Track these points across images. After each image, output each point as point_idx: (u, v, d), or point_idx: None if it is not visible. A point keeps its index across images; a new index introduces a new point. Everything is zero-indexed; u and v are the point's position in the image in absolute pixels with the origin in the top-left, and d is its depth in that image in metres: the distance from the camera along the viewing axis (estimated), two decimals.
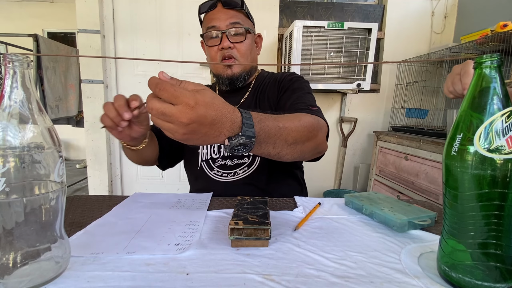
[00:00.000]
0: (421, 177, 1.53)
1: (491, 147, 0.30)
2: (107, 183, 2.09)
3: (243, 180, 0.76)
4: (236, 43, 0.75)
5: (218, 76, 0.79)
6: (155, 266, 0.37)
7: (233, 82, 0.79)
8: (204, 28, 0.78)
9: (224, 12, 0.75)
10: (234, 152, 0.43)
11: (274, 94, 0.80)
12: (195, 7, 2.01)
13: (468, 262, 0.32)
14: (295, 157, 0.54)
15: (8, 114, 0.30)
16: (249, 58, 0.79)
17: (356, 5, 2.08)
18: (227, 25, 0.74)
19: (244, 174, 0.76)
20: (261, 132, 0.45)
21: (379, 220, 0.53)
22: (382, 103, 2.20)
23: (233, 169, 0.77)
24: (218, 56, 0.76)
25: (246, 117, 0.43)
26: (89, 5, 1.90)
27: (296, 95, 0.73)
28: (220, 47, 0.75)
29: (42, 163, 0.32)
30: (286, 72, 0.86)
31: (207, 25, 0.76)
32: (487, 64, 0.31)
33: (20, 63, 0.31)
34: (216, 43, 0.75)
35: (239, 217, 0.45)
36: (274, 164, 0.76)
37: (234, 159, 0.77)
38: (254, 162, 0.76)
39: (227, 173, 0.77)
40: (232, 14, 0.76)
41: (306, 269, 0.37)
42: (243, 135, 0.42)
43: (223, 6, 0.76)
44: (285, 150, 0.51)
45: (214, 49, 0.76)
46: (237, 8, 0.76)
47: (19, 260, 0.31)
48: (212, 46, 0.76)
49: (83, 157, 4.18)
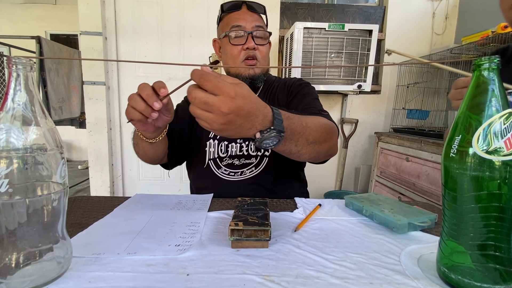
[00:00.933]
0: (422, 178, 1.53)
1: (489, 149, 0.30)
2: (109, 184, 2.10)
3: (250, 180, 0.77)
4: (260, 45, 0.77)
5: (238, 76, 0.80)
6: (155, 267, 0.37)
7: (253, 82, 0.80)
8: (227, 27, 0.78)
9: (249, 14, 0.78)
10: (262, 146, 0.45)
11: (284, 98, 0.82)
12: (196, 10, 2.03)
13: (468, 264, 0.32)
14: (312, 156, 0.56)
15: (12, 116, 0.31)
16: (267, 61, 0.82)
17: (356, 7, 2.08)
18: (252, 27, 0.77)
19: (251, 174, 0.77)
20: (287, 128, 0.47)
21: (379, 221, 0.53)
22: (383, 104, 2.20)
23: (241, 169, 0.77)
24: (241, 55, 0.77)
25: (277, 113, 0.45)
26: (91, 7, 1.91)
27: (306, 100, 0.76)
28: (245, 47, 0.76)
29: (45, 164, 0.32)
30: (293, 78, 0.88)
31: (231, 23, 0.77)
32: (485, 66, 0.31)
33: (24, 66, 0.31)
34: (241, 43, 0.76)
35: (239, 218, 0.45)
36: (281, 165, 0.78)
37: (242, 158, 0.78)
38: (261, 163, 0.77)
39: (234, 172, 0.77)
40: (256, 17, 0.79)
41: (306, 270, 0.37)
42: (274, 129, 0.44)
43: (247, 9, 0.78)
44: (305, 148, 0.53)
45: (238, 48, 0.77)
46: (260, 13, 0.80)
47: (21, 261, 0.32)
48: (236, 44, 0.77)
49: (85, 158, 4.20)
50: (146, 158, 0.72)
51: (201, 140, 0.81)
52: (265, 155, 0.78)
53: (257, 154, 0.78)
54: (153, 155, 0.71)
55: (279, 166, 0.78)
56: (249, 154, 0.78)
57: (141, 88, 0.47)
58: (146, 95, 0.46)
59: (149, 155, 0.71)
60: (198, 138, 0.82)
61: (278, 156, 0.76)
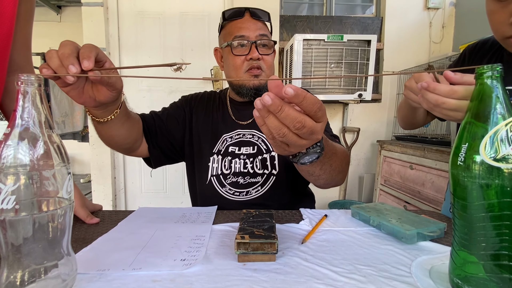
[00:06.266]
0: (427, 186, 1.51)
1: (497, 156, 0.30)
2: (111, 197, 2.09)
3: (256, 200, 0.73)
4: (264, 55, 0.74)
5: (242, 87, 0.76)
6: (161, 283, 0.36)
7: (258, 93, 0.76)
8: (229, 36, 0.74)
9: (253, 22, 0.74)
10: (300, 161, 0.46)
11: None
12: (197, 24, 2.07)
13: (481, 275, 0.31)
14: (326, 183, 0.57)
15: (20, 133, 0.31)
16: (272, 70, 0.78)
17: (354, 18, 2.13)
18: (256, 36, 0.73)
19: (257, 194, 0.73)
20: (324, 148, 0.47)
21: (387, 231, 0.52)
22: (384, 113, 2.21)
23: (246, 188, 0.73)
24: (244, 66, 0.73)
25: None
26: (95, 24, 1.96)
27: None
28: (248, 57, 0.72)
29: (51, 180, 0.32)
30: None
31: (234, 33, 0.73)
32: (488, 74, 0.32)
33: (32, 83, 0.32)
34: (244, 53, 0.73)
35: (245, 231, 0.45)
36: (290, 182, 0.74)
37: (247, 176, 0.74)
38: (268, 181, 0.74)
39: (239, 192, 0.73)
40: (260, 25, 0.75)
41: (315, 284, 0.36)
42: (319, 145, 0.44)
43: (251, 16, 0.74)
44: (326, 174, 0.54)
45: (241, 58, 0.73)
46: (264, 20, 0.76)
47: (26, 278, 0.31)
48: (239, 55, 0.74)
49: (87, 172, 4.20)
50: (105, 142, 0.65)
51: (204, 154, 0.78)
52: (272, 173, 0.74)
53: (264, 172, 0.74)
54: (109, 139, 0.63)
55: (288, 184, 0.74)
56: (255, 172, 0.74)
57: (61, 45, 0.40)
58: (61, 54, 0.39)
59: (104, 137, 0.63)
60: (201, 152, 0.79)
61: (287, 173, 0.74)
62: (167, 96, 2.10)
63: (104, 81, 0.45)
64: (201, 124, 0.81)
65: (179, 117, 0.81)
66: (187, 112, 0.82)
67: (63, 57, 0.38)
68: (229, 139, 0.78)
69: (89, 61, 0.39)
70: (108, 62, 0.45)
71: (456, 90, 0.45)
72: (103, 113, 0.54)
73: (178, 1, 2.04)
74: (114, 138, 0.63)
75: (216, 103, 0.84)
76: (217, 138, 0.79)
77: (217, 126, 0.80)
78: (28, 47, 0.62)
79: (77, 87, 0.45)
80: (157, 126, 0.77)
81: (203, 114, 0.82)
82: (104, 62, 0.44)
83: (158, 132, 0.77)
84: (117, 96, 0.50)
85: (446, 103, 0.45)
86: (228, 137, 0.78)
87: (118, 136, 0.63)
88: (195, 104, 0.84)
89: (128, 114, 0.62)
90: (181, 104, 0.84)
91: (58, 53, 0.39)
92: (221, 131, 0.79)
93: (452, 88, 0.45)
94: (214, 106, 0.84)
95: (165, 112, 0.81)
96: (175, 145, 0.80)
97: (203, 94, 0.87)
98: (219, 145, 0.78)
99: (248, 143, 0.76)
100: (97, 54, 0.41)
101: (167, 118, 0.79)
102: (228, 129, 0.79)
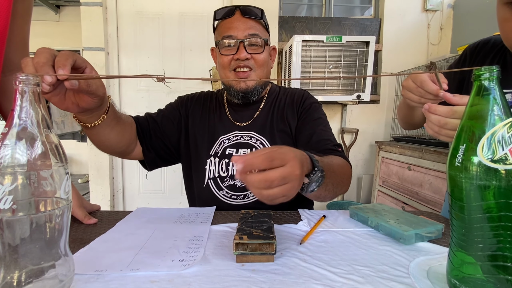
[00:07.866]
0: (425, 187, 1.51)
1: (494, 158, 0.30)
2: (109, 197, 2.08)
3: (254, 203, 0.72)
4: (254, 54, 0.71)
5: (230, 88, 0.74)
6: (159, 284, 0.36)
7: (246, 96, 0.74)
8: (219, 36, 0.72)
9: (242, 21, 0.71)
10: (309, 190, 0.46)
11: (293, 117, 0.77)
12: (195, 24, 2.07)
13: (479, 275, 0.32)
14: (333, 198, 0.58)
15: (17, 133, 0.31)
16: (265, 70, 0.74)
17: (353, 19, 2.14)
18: (245, 35, 0.70)
19: (254, 197, 0.72)
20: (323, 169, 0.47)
21: (385, 232, 0.52)
22: (383, 114, 2.21)
23: (243, 191, 0.73)
24: (231, 65, 0.71)
25: (310, 155, 0.46)
26: (94, 24, 1.96)
27: (319, 129, 0.73)
28: (235, 57, 0.70)
29: (49, 180, 0.32)
30: (298, 90, 0.82)
31: (223, 33, 0.71)
32: (486, 76, 0.32)
33: (30, 82, 0.32)
34: (231, 52, 0.71)
35: (243, 231, 0.45)
36: None
37: None
38: None
39: (236, 195, 0.73)
40: (251, 24, 0.71)
41: (313, 285, 0.36)
42: (318, 170, 0.45)
43: (241, 14, 0.71)
44: (331, 193, 0.55)
45: (228, 57, 0.71)
46: (256, 18, 0.72)
47: (23, 279, 0.31)
48: (226, 54, 0.71)
49: (85, 172, 4.18)
50: (97, 146, 0.64)
51: (201, 157, 0.77)
52: None
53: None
54: (99, 142, 0.62)
55: None
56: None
57: (37, 53, 0.39)
58: (36, 63, 0.38)
59: (95, 142, 0.62)
60: (198, 155, 0.78)
61: None
62: (166, 96, 2.10)
63: (83, 89, 0.44)
64: (197, 126, 0.80)
65: (174, 119, 0.80)
66: (182, 113, 0.81)
67: (37, 66, 0.38)
68: (226, 140, 0.77)
69: (64, 70, 0.38)
70: (89, 68, 0.44)
71: (456, 110, 0.46)
72: (90, 118, 0.54)
73: (177, 2, 2.04)
74: (104, 142, 0.63)
75: (213, 104, 0.83)
76: (214, 139, 0.78)
77: (214, 128, 0.79)
78: (25, 47, 0.61)
79: (58, 94, 0.45)
80: (151, 129, 0.76)
81: (199, 115, 0.81)
82: (84, 68, 0.44)
83: (152, 134, 0.76)
84: (99, 102, 0.50)
85: (449, 123, 0.47)
86: (225, 138, 0.77)
87: (108, 140, 0.62)
88: (191, 105, 0.82)
89: (117, 118, 0.61)
90: (176, 105, 0.83)
91: (33, 62, 0.39)
92: (218, 132, 0.78)
93: (451, 108, 0.47)
94: (211, 106, 0.82)
95: (160, 114, 0.80)
96: (171, 147, 0.79)
97: (199, 94, 0.86)
98: (216, 147, 0.77)
99: (246, 145, 0.75)
100: (74, 61, 0.41)
101: (162, 120, 0.78)
102: (225, 130, 0.78)
